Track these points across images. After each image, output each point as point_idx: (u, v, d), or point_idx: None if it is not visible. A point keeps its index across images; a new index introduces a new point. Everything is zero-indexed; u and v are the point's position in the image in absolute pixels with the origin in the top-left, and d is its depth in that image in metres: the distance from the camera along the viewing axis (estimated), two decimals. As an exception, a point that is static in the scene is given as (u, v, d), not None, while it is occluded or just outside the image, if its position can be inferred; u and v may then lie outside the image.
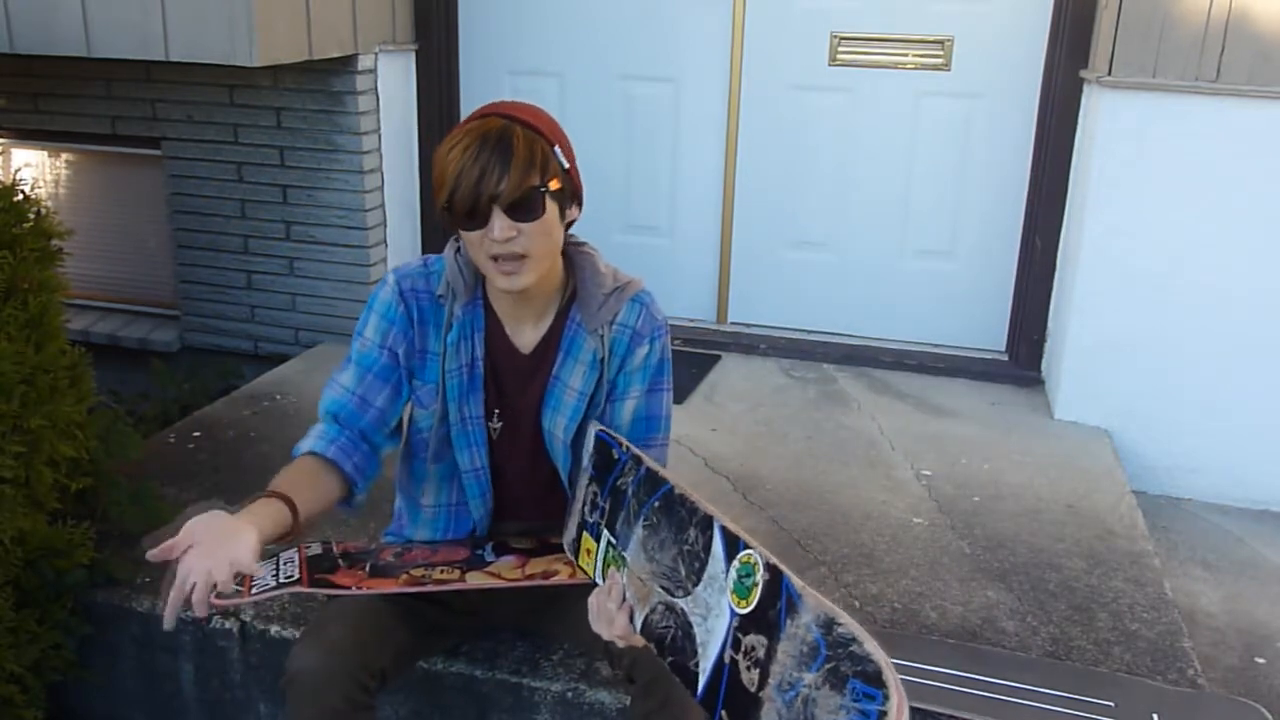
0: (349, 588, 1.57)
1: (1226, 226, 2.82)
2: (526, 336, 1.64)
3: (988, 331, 3.39)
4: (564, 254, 1.64)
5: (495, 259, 1.48)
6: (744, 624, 1.24)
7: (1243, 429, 2.95)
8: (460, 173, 1.44)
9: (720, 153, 3.45)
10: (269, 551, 2.16)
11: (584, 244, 1.67)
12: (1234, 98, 2.72)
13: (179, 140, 3.39)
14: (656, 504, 1.43)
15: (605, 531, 1.53)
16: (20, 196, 1.99)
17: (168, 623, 1.33)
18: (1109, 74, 2.79)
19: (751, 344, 3.47)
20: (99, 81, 3.38)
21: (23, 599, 1.94)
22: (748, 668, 1.22)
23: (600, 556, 1.53)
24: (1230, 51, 2.69)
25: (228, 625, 1.98)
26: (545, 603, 1.72)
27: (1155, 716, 1.80)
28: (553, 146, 1.51)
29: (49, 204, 2.49)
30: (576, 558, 1.60)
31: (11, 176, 2.02)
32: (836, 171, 3.38)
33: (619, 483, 1.52)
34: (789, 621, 1.18)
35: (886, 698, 1.07)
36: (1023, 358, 3.29)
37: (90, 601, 2.04)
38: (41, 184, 3.62)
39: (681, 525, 1.37)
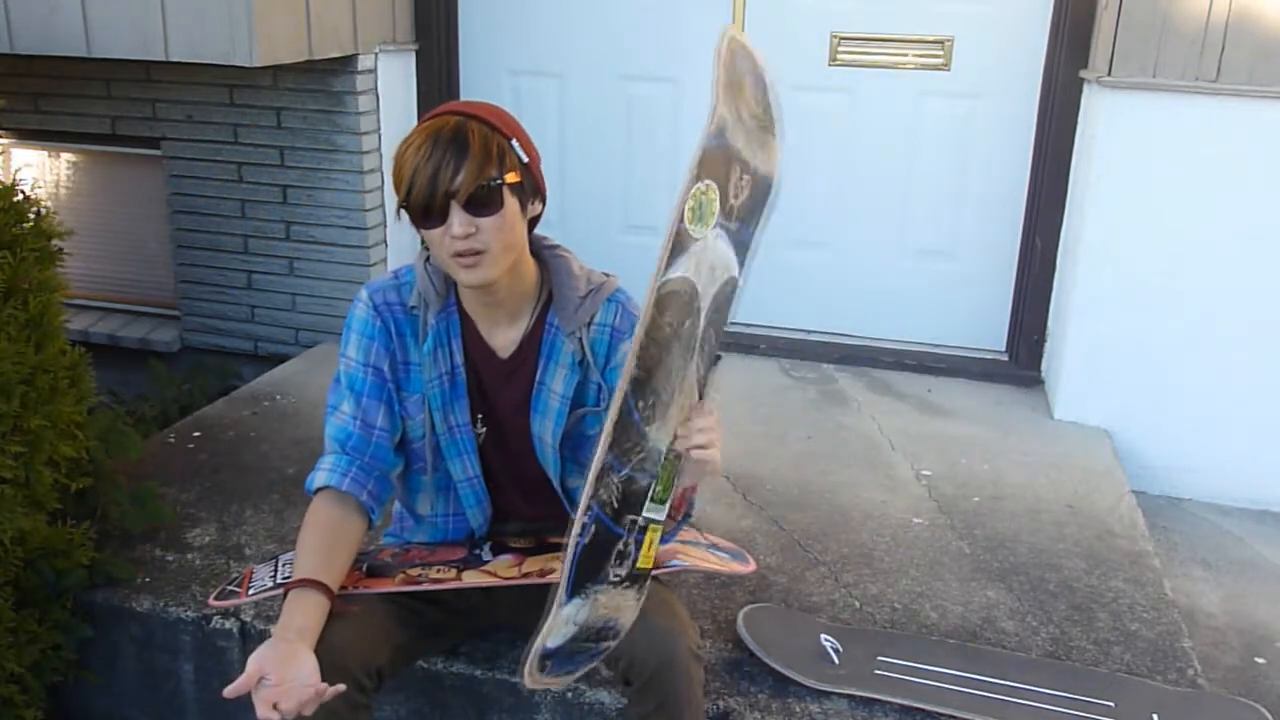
0: (346, 587, 1.57)
1: (1227, 226, 2.82)
2: (502, 339, 1.64)
3: (988, 331, 3.39)
4: (537, 256, 1.63)
5: (457, 255, 1.48)
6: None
7: (1243, 429, 2.95)
8: (415, 171, 1.44)
9: (720, 153, 3.44)
10: (269, 554, 2.17)
11: (557, 246, 1.66)
12: (1234, 98, 2.71)
13: (179, 140, 3.39)
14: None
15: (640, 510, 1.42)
16: (20, 196, 1.99)
17: None
18: (1109, 74, 2.79)
19: (751, 344, 3.47)
20: (99, 81, 3.38)
21: (23, 599, 1.94)
22: None
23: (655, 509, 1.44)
24: (1230, 51, 2.69)
25: (228, 625, 1.98)
26: (545, 602, 1.72)
27: (1155, 717, 1.80)
28: (509, 140, 1.50)
29: (49, 204, 2.49)
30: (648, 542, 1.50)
31: (11, 176, 2.01)
32: (836, 171, 3.38)
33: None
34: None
35: None
36: (1023, 358, 3.29)
37: (90, 601, 2.05)
38: (41, 184, 3.62)
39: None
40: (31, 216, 2.00)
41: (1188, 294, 2.88)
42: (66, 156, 3.64)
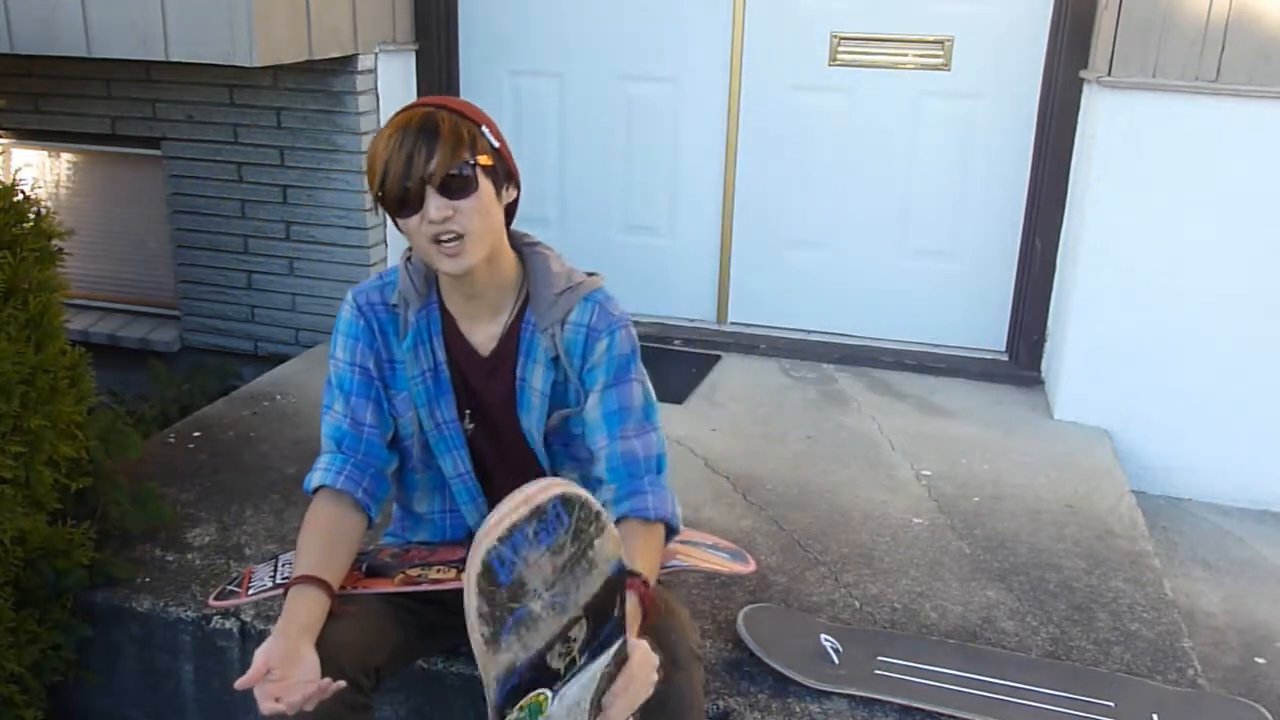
0: (345, 588, 1.57)
1: (1226, 226, 2.82)
2: (483, 336, 1.64)
3: (988, 331, 3.39)
4: (518, 253, 1.64)
5: (437, 242, 1.49)
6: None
7: (1242, 429, 2.95)
8: (389, 160, 1.46)
9: (720, 153, 3.45)
10: (269, 554, 2.17)
11: (538, 243, 1.67)
12: (1234, 98, 2.71)
13: (179, 140, 3.39)
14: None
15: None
16: (20, 196, 1.99)
17: None
18: (1109, 74, 2.79)
19: (751, 344, 3.47)
20: (99, 81, 3.38)
21: (23, 599, 1.94)
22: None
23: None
24: (1230, 51, 2.69)
25: (227, 625, 1.98)
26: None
27: (1155, 717, 1.80)
28: (479, 126, 1.52)
29: (49, 204, 2.49)
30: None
31: (11, 176, 2.01)
32: (836, 171, 3.38)
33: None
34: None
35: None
36: (1023, 358, 3.29)
37: (90, 601, 2.05)
38: (41, 184, 3.62)
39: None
40: (31, 216, 2.00)
41: (1188, 294, 2.88)
42: (66, 156, 3.64)
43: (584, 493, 1.22)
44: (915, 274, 3.40)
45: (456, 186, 1.47)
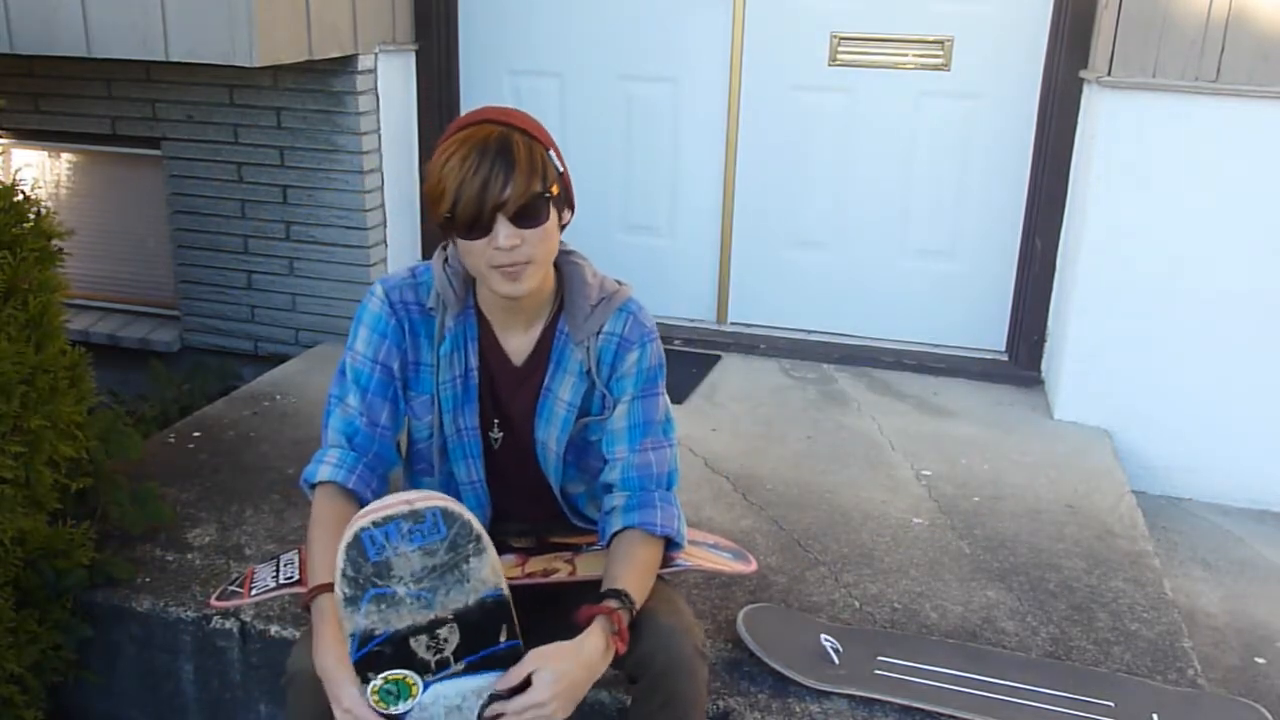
0: None
1: (1227, 226, 2.82)
2: (516, 344, 1.63)
3: (988, 332, 3.39)
4: (553, 262, 1.63)
5: (499, 266, 1.48)
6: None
7: (1243, 429, 2.95)
8: (462, 183, 1.42)
9: (720, 153, 3.45)
10: (269, 554, 2.17)
11: (573, 252, 1.66)
12: (1234, 98, 2.72)
13: (179, 140, 3.39)
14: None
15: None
16: (20, 196, 1.99)
17: None
18: (1109, 74, 2.79)
19: (751, 344, 3.47)
20: (99, 81, 3.38)
21: (23, 599, 1.94)
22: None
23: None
24: (1230, 51, 2.69)
25: (228, 625, 1.98)
26: (546, 602, 1.72)
27: (1155, 716, 1.80)
28: (548, 151, 1.51)
29: (49, 204, 2.49)
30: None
31: (11, 176, 2.01)
32: (836, 171, 3.38)
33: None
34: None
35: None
36: (1023, 358, 3.29)
37: (90, 601, 2.05)
38: (41, 184, 3.62)
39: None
40: (31, 216, 2.00)
41: (1188, 294, 2.88)
42: (66, 156, 3.64)
43: (468, 515, 1.30)
44: (915, 274, 3.40)
45: (529, 216, 1.45)
